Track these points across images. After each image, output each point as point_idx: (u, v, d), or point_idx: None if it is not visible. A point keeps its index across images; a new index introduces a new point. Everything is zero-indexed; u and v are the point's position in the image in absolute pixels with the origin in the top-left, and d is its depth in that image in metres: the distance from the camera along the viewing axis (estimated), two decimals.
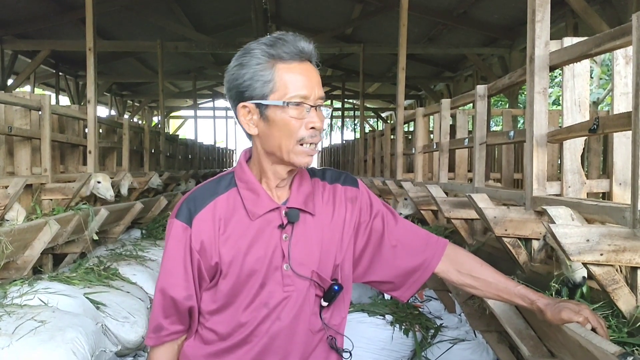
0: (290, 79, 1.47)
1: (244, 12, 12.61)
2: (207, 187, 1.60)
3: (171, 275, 1.55)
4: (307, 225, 1.57)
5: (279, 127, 1.48)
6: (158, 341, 1.58)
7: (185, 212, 1.55)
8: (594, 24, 7.51)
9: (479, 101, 4.10)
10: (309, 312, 1.57)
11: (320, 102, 1.51)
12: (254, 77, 1.48)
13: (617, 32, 2.23)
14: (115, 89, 20.03)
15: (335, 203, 1.64)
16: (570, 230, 1.99)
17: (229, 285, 1.54)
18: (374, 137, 9.84)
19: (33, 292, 3.54)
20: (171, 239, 1.56)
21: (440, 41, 13.22)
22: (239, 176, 1.59)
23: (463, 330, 4.34)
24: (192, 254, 1.53)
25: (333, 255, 1.59)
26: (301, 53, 1.49)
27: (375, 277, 1.69)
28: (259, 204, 1.55)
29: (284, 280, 1.53)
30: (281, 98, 1.47)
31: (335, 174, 1.71)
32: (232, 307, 1.55)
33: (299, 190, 1.60)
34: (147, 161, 9.18)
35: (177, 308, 1.55)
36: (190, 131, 21.46)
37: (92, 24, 6.74)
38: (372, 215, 1.68)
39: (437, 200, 4.08)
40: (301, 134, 1.48)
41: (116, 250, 5.75)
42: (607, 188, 3.24)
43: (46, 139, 5.33)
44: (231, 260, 1.52)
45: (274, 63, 1.48)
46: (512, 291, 1.64)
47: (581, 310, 1.53)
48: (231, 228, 1.54)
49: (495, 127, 16.77)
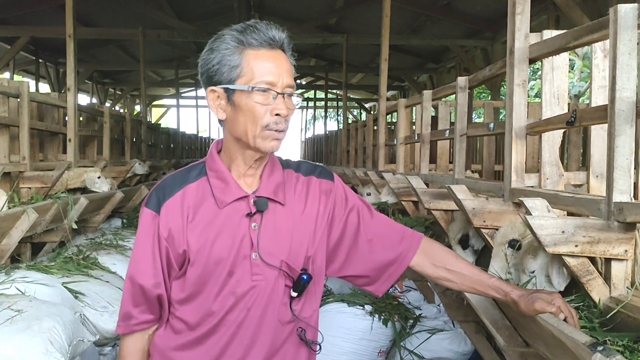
0: (257, 65, 1.48)
1: (226, 1, 12.52)
2: (178, 175, 1.61)
3: (140, 262, 1.56)
4: (277, 215, 1.57)
5: (244, 112, 1.49)
6: (127, 330, 1.58)
7: (154, 200, 1.56)
8: (575, 17, 7.57)
9: (460, 93, 4.11)
10: (278, 302, 1.56)
11: (289, 91, 1.51)
12: (222, 62, 1.50)
13: (595, 25, 2.25)
14: (96, 77, 19.83)
15: (309, 195, 1.64)
16: (545, 222, 2.01)
17: (196, 274, 1.53)
18: (356, 128, 9.85)
19: (10, 281, 3.50)
20: (140, 226, 1.57)
21: (423, 32, 13.23)
22: (209, 165, 1.60)
23: (442, 321, 4.38)
24: (160, 241, 1.53)
25: (305, 246, 1.58)
26: (271, 40, 1.50)
27: (351, 271, 1.69)
28: (227, 192, 1.55)
29: (253, 269, 1.53)
30: (247, 83, 1.48)
31: (311, 166, 1.71)
32: (201, 296, 1.54)
33: (269, 179, 1.59)
34: (128, 150, 9.12)
35: (145, 296, 1.55)
36: (173, 120, 21.33)
37: (73, 10, 6.67)
38: (347, 209, 1.68)
39: (418, 192, 4.09)
40: (266, 120, 1.48)
41: (96, 240, 5.71)
42: (584, 180, 3.28)
43: (24, 126, 5.27)
44: (199, 248, 1.52)
45: (242, 49, 1.49)
46: (487, 283, 1.66)
47: (554, 300, 1.56)
48: (200, 216, 1.54)
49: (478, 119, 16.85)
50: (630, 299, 1.92)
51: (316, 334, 1.66)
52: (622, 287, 2.01)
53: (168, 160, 12.14)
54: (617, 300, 1.96)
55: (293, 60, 1.58)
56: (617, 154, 1.96)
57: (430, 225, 4.59)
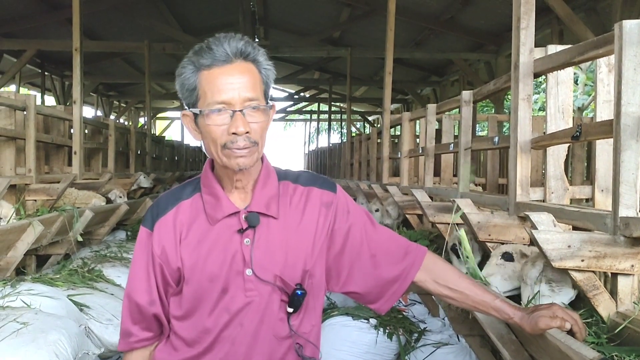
0: (208, 85, 1.44)
1: (231, 15, 12.60)
2: (172, 192, 1.61)
3: (135, 280, 1.56)
4: (271, 229, 1.54)
5: (204, 134, 1.48)
6: (127, 347, 1.59)
7: (148, 218, 1.57)
8: (579, 31, 7.59)
9: (464, 107, 4.13)
10: (273, 317, 1.53)
11: (249, 104, 1.45)
12: (183, 87, 1.49)
13: (600, 40, 2.26)
14: (101, 90, 19.90)
15: (307, 207, 1.59)
16: (552, 236, 2.02)
17: (191, 291, 1.53)
18: (360, 141, 9.86)
19: (16, 293, 3.51)
20: (137, 244, 1.58)
21: (427, 46, 13.28)
22: (203, 181, 1.59)
23: (446, 334, 4.35)
24: (154, 259, 1.53)
25: (302, 260, 1.55)
26: (225, 55, 1.44)
27: (353, 287, 1.65)
28: (218, 209, 1.53)
29: (246, 285, 1.51)
30: (202, 106, 1.46)
31: (312, 177, 1.66)
32: (197, 313, 1.53)
33: (262, 193, 1.56)
34: (133, 162, 9.15)
35: (142, 314, 1.56)
36: (177, 133, 21.40)
37: (79, 24, 6.71)
38: (348, 222, 1.63)
39: (422, 205, 4.10)
40: (223, 140, 1.45)
41: (101, 252, 5.72)
42: (589, 194, 3.28)
43: (31, 139, 5.30)
44: (192, 265, 1.51)
45: (197, 71, 1.46)
46: (489, 305, 1.62)
47: (555, 312, 1.52)
48: (192, 233, 1.53)
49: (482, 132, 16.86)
50: (637, 314, 1.92)
51: (316, 351, 1.62)
52: (629, 302, 2.01)
53: (172, 173, 12.16)
54: (624, 315, 1.96)
55: (267, 64, 1.51)
56: (623, 168, 1.96)
57: (435, 239, 4.59)
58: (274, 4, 13.01)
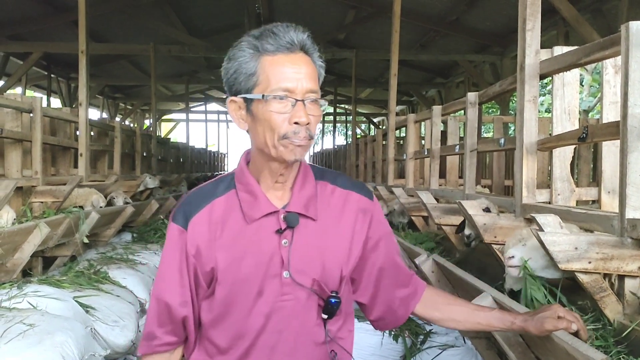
0: (273, 71, 1.38)
1: (236, 17, 12.62)
2: (205, 189, 1.52)
3: (166, 280, 1.48)
4: (309, 230, 1.47)
5: (261, 122, 1.39)
6: (149, 350, 1.50)
7: (181, 215, 1.48)
8: (584, 33, 7.57)
9: (469, 108, 4.12)
10: (312, 323, 1.48)
11: (311, 96, 1.41)
12: (239, 70, 1.42)
13: (607, 42, 2.25)
14: (107, 92, 19.98)
15: (345, 210, 1.53)
16: (558, 238, 2.01)
17: (224, 293, 1.45)
18: (365, 143, 9.86)
19: (22, 295, 3.53)
20: (167, 243, 1.49)
21: (432, 47, 13.27)
22: (238, 178, 1.50)
23: (452, 336, 4.34)
24: (188, 258, 1.45)
25: (339, 265, 1.49)
26: (289, 44, 1.40)
27: (364, 298, 1.61)
28: (255, 207, 1.46)
29: (283, 289, 1.44)
30: (263, 91, 1.38)
31: (350, 180, 1.60)
32: (230, 317, 1.46)
33: (301, 192, 1.49)
34: (139, 164, 9.16)
35: (171, 316, 1.47)
36: (182, 134, 21.44)
37: (85, 27, 6.73)
38: (379, 233, 1.58)
39: (428, 207, 4.10)
40: (284, 129, 1.38)
41: (107, 254, 5.72)
42: (596, 196, 3.27)
43: (37, 141, 5.31)
44: (226, 266, 1.44)
45: (258, 55, 1.40)
46: (489, 321, 1.59)
47: (557, 312, 1.51)
48: (227, 232, 1.45)
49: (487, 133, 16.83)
50: None
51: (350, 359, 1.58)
52: (636, 304, 2.00)
53: (178, 175, 12.17)
54: (631, 317, 1.95)
55: (321, 61, 1.48)
56: (630, 170, 1.96)
57: (441, 241, 4.59)
58: (279, 5, 13.02)
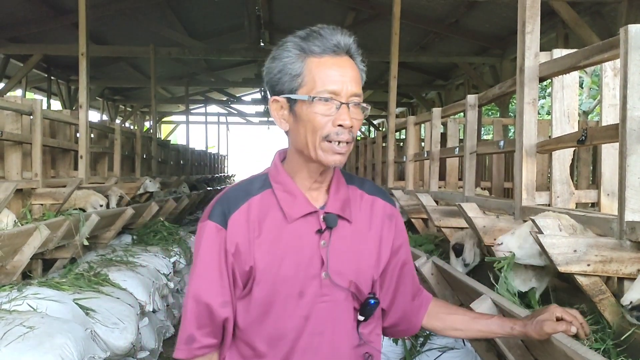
0: (319, 73, 1.40)
1: (236, 19, 12.62)
2: (240, 187, 1.51)
3: (205, 279, 1.44)
4: (345, 232, 1.48)
5: (304, 122, 1.41)
6: (189, 354, 1.45)
7: (219, 213, 1.45)
8: (584, 35, 7.59)
9: (469, 110, 4.13)
10: (347, 325, 1.47)
11: (354, 100, 1.41)
12: (283, 71, 1.43)
13: (606, 45, 2.26)
14: (107, 94, 19.96)
15: (372, 216, 1.55)
16: (557, 241, 2.01)
17: (263, 293, 1.43)
18: (365, 145, 9.86)
19: (22, 297, 3.53)
20: (204, 241, 1.45)
21: (432, 50, 13.27)
22: (274, 177, 1.50)
23: (452, 339, 4.34)
24: (227, 257, 1.43)
25: (371, 268, 1.50)
26: (336, 47, 1.41)
27: (384, 304, 1.60)
28: (295, 206, 1.46)
29: (322, 290, 1.44)
30: (309, 93, 1.39)
31: (375, 186, 1.63)
32: (268, 318, 1.44)
33: (337, 195, 1.50)
34: (139, 167, 9.16)
35: (211, 317, 1.44)
36: (182, 136, 21.44)
37: (85, 29, 6.73)
38: (400, 241, 1.60)
39: (428, 209, 4.10)
40: (327, 131, 1.39)
41: (106, 256, 5.72)
42: (595, 198, 3.28)
43: (37, 143, 5.31)
44: (265, 265, 1.43)
45: (305, 57, 1.41)
46: (490, 328, 1.60)
47: (555, 313, 1.51)
48: (266, 231, 1.44)
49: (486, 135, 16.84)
50: None
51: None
52: None
53: (178, 177, 12.17)
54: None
55: (363, 66, 1.48)
56: (629, 172, 1.96)
57: (440, 243, 4.59)
58: (279, 8, 13.03)
